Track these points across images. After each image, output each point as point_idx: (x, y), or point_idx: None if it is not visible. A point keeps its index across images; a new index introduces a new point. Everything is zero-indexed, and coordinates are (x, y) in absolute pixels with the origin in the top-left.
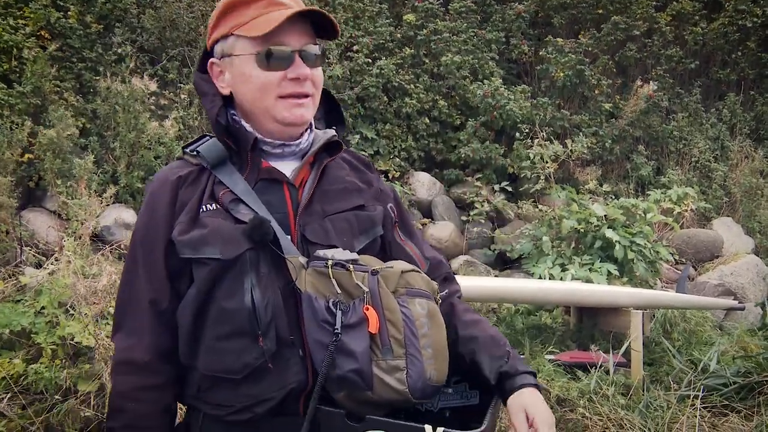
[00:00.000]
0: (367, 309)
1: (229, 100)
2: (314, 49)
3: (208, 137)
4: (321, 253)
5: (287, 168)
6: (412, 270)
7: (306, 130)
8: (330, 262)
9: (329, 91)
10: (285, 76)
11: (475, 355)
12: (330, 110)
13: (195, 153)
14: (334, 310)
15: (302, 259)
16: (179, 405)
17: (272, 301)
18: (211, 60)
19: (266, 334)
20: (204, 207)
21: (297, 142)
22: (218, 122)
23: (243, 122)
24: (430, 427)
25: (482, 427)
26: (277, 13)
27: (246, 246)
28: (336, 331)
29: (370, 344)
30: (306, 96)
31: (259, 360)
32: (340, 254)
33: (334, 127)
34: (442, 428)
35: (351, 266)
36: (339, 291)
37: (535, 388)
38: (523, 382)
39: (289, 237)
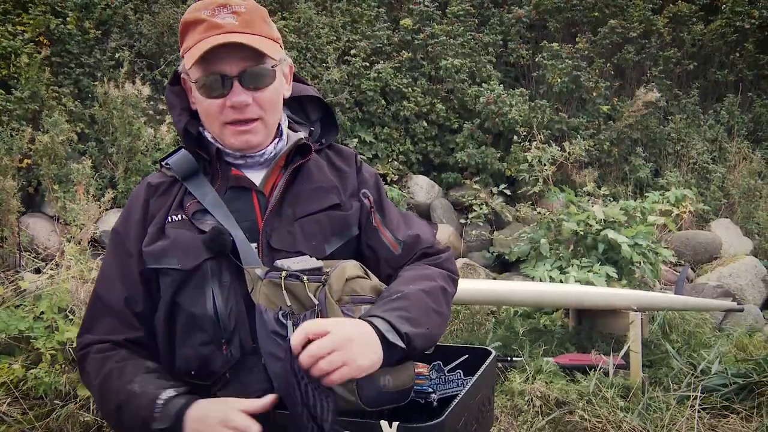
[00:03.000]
0: None
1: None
2: (258, 70)
3: (182, 150)
4: (279, 263)
5: (259, 175)
6: (358, 276)
7: (274, 139)
8: (284, 274)
9: (321, 98)
10: (225, 104)
11: None
12: (324, 115)
13: (168, 166)
14: (284, 321)
15: (260, 271)
16: None
17: (235, 310)
18: (182, 75)
19: (230, 341)
20: (170, 218)
21: (260, 152)
22: (188, 134)
23: (206, 133)
24: (386, 422)
25: (441, 419)
26: (210, 40)
27: (205, 256)
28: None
29: None
30: (252, 121)
31: (224, 367)
32: (298, 264)
33: (305, 131)
34: (397, 423)
35: (305, 277)
36: (289, 303)
37: (365, 322)
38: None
39: (256, 245)
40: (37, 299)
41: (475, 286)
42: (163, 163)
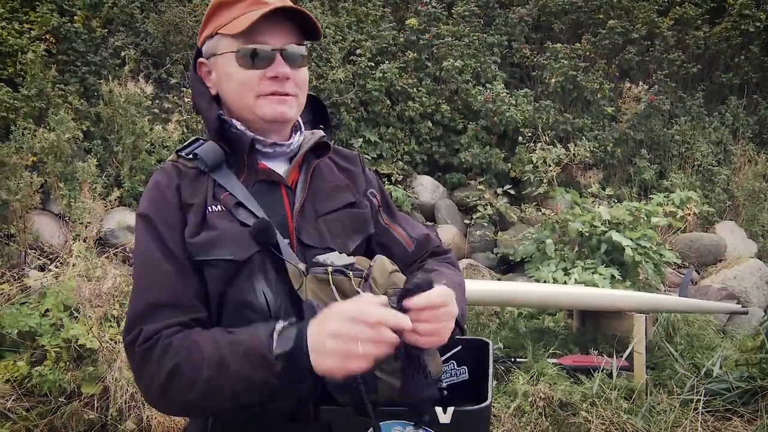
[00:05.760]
0: None
1: (217, 101)
2: (297, 49)
3: (201, 141)
4: (321, 258)
5: (278, 169)
6: (395, 270)
7: (296, 132)
8: (330, 269)
9: (316, 96)
10: (264, 75)
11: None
12: (317, 114)
13: (191, 156)
14: None
15: (301, 265)
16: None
17: (283, 305)
18: (200, 60)
19: None
20: (210, 208)
21: (288, 142)
22: (215, 125)
23: (237, 124)
24: (440, 408)
25: (488, 402)
26: (258, 11)
27: (255, 248)
28: None
29: None
30: (288, 95)
31: None
32: (338, 259)
33: (321, 126)
34: (452, 407)
35: (350, 272)
36: (339, 298)
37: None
38: None
39: (287, 241)
40: (42, 297)
41: (479, 286)
42: (183, 153)
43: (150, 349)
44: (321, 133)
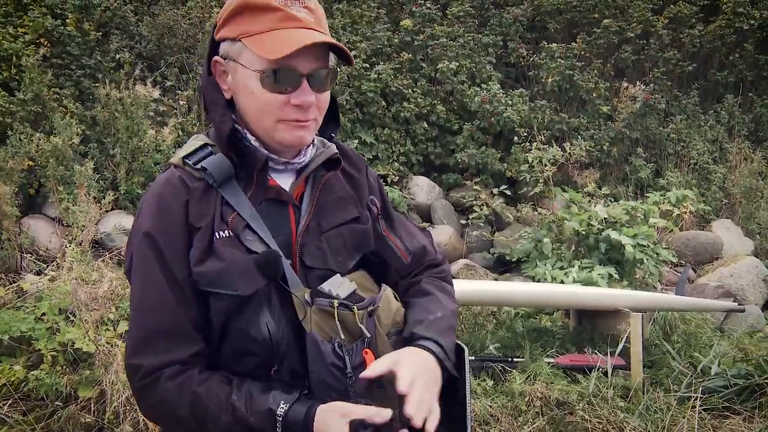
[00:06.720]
0: (366, 353)
1: (230, 103)
2: (324, 73)
3: (209, 148)
4: (325, 288)
5: (284, 182)
6: (400, 307)
7: (309, 145)
8: (335, 303)
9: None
10: (288, 101)
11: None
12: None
13: (199, 167)
14: (341, 353)
15: (306, 295)
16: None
17: (285, 334)
18: (216, 58)
19: (281, 366)
20: (217, 234)
21: (300, 160)
22: (227, 137)
23: (251, 138)
24: None
25: None
26: (292, 32)
27: (262, 281)
28: (349, 374)
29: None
30: (309, 120)
31: None
32: (341, 288)
33: (333, 135)
34: None
35: (354, 307)
36: (342, 336)
37: (423, 349)
38: (417, 344)
39: (290, 261)
40: (38, 301)
41: (476, 287)
42: (189, 162)
43: (149, 388)
44: (334, 148)
